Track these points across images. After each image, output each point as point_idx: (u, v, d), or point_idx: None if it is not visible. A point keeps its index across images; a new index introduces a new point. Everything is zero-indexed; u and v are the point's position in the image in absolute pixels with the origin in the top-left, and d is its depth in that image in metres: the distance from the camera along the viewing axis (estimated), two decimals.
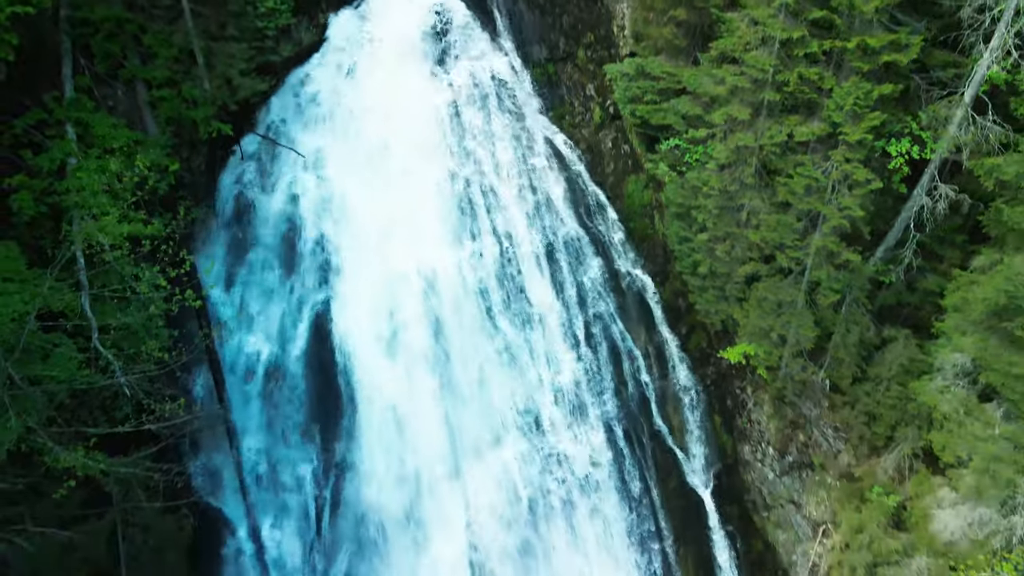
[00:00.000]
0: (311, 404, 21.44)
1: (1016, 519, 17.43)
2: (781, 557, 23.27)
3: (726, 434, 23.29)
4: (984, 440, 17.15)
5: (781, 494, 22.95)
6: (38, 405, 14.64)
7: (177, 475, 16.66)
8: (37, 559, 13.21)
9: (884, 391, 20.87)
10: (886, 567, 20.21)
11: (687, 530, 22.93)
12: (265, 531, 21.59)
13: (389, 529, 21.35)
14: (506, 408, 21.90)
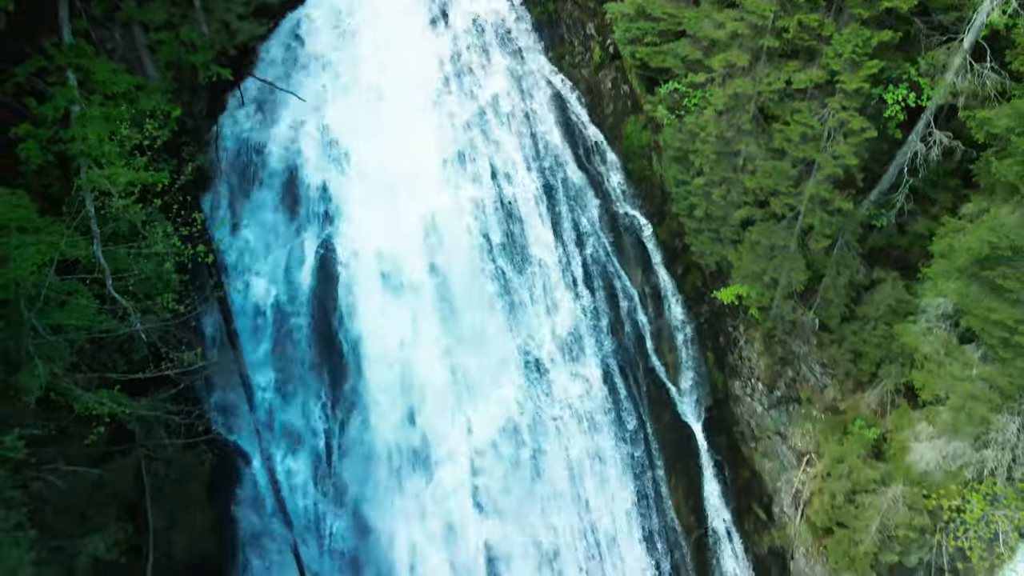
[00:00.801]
0: (318, 343, 22.25)
1: (987, 453, 18.48)
2: (766, 484, 24.59)
3: (718, 370, 24.22)
4: (961, 380, 18.00)
5: (768, 426, 24.06)
6: (61, 352, 15.38)
7: (197, 418, 17.55)
8: (71, 495, 14.22)
9: (871, 330, 21.64)
10: (864, 494, 21.45)
11: (678, 460, 24.17)
12: (278, 462, 22.79)
13: (395, 461, 22.50)
14: (506, 347, 22.70)
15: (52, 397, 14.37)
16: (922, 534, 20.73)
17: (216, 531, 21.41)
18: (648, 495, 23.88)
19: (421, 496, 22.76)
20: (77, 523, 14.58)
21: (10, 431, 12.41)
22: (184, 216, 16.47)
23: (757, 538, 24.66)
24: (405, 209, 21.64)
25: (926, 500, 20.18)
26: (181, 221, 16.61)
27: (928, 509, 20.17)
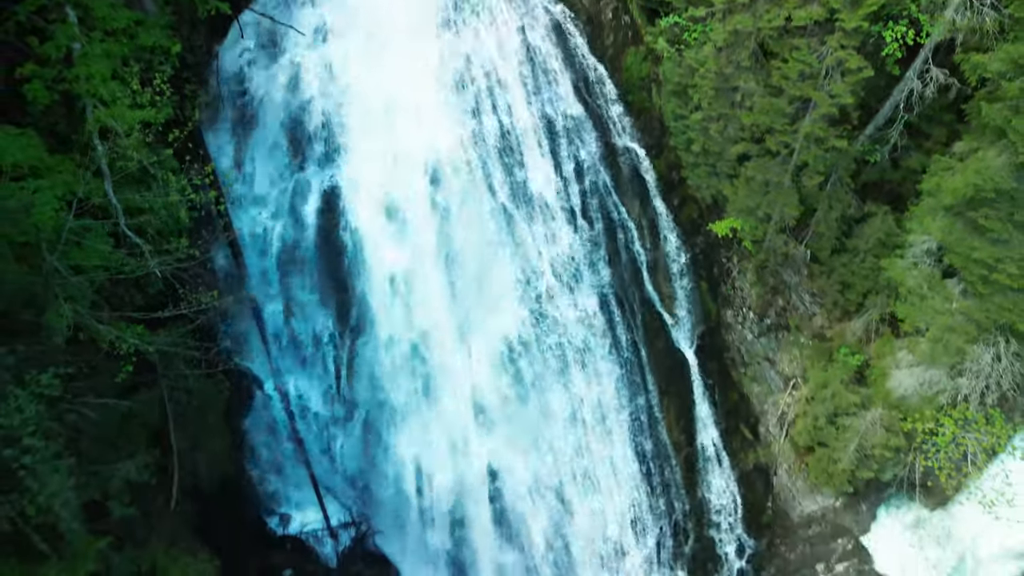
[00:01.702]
0: (324, 274, 22.95)
1: (962, 381, 19.58)
2: (754, 406, 25.93)
3: (711, 299, 25.08)
4: (941, 313, 18.88)
5: (758, 352, 25.16)
6: (83, 291, 16.13)
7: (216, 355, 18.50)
8: (103, 425, 15.28)
9: (860, 262, 22.40)
10: (845, 417, 22.77)
11: (671, 384, 25.34)
12: (290, 387, 23.96)
13: (402, 388, 23.61)
14: (506, 277, 23.42)
15: (80, 337, 15.20)
16: (897, 453, 22.16)
17: (235, 452, 22.81)
18: (641, 417, 25.16)
19: (426, 418, 23.98)
20: (110, 450, 15.72)
21: (45, 370, 13.29)
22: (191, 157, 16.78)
23: (743, 456, 26.18)
24: (406, 143, 21.85)
25: (902, 423, 21.46)
26: (189, 161, 16.93)
27: (904, 431, 21.50)
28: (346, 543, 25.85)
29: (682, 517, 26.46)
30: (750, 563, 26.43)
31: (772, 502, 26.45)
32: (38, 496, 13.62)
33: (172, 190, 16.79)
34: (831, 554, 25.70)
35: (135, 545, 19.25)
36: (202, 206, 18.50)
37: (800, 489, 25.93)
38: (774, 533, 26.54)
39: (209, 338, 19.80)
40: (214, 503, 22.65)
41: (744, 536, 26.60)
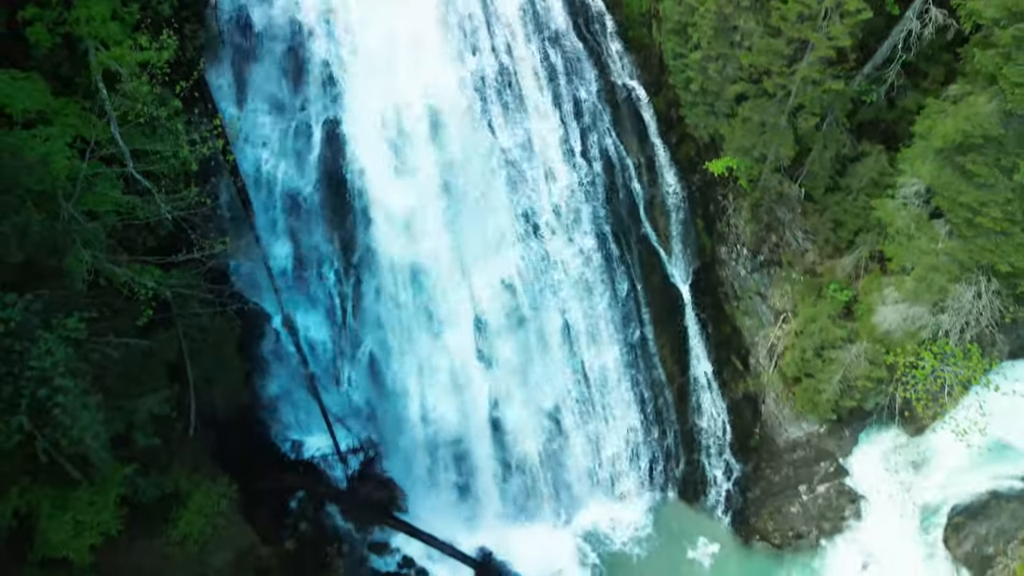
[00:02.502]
0: (328, 213, 23.45)
1: (943, 317, 20.41)
2: (745, 339, 26.91)
3: (706, 236, 25.66)
4: (927, 253, 19.54)
5: (750, 287, 25.94)
6: (99, 236, 16.75)
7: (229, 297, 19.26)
8: (126, 364, 16.19)
9: (852, 201, 22.90)
10: (831, 350, 23.75)
11: (666, 318, 26.22)
12: (298, 322, 24.85)
13: (406, 321, 24.47)
14: (506, 215, 23.93)
15: (101, 283, 15.91)
16: (879, 384, 23.25)
17: (248, 384, 23.90)
18: (637, 349, 26.16)
19: (429, 350, 24.95)
20: (133, 386, 16.69)
21: (70, 315, 14.06)
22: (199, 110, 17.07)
23: (734, 385, 27.33)
24: (407, 82, 21.96)
25: (885, 356, 22.44)
26: (198, 114, 17.22)
27: (887, 364, 22.50)
28: (355, 467, 27.36)
29: (674, 443, 27.84)
30: (737, 485, 27.98)
31: (760, 428, 27.79)
32: (71, 430, 14.65)
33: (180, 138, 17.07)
34: (813, 476, 27.18)
35: (159, 471, 20.55)
36: (211, 156, 18.81)
37: (787, 416, 27.20)
38: (760, 457, 27.98)
39: (220, 278, 20.53)
40: (230, 431, 23.94)
41: (732, 460, 28.05)
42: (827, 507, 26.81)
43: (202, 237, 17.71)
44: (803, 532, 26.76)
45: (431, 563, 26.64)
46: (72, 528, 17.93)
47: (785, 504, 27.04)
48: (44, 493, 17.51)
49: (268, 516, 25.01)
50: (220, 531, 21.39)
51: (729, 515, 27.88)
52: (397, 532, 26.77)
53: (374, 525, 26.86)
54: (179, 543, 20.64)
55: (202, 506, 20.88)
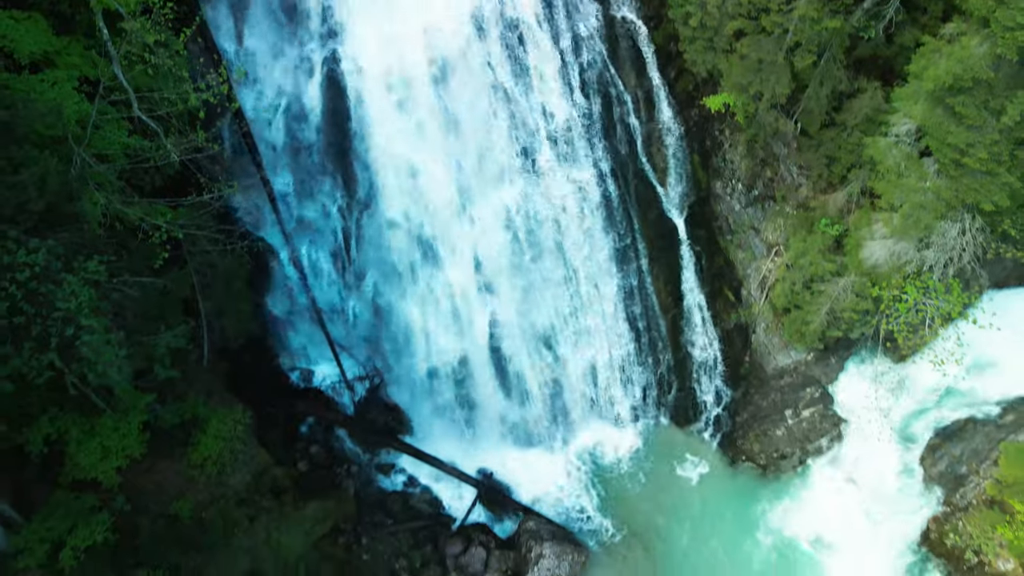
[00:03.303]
0: (330, 149, 23.79)
1: (927, 253, 21.12)
2: (738, 271, 27.69)
3: (702, 171, 26.06)
4: (915, 192, 20.07)
5: (744, 221, 26.52)
6: (110, 178, 17.29)
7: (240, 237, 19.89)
8: (143, 302, 17.00)
9: (846, 137, 23.23)
10: (819, 283, 24.56)
11: (661, 251, 26.91)
12: (303, 256, 25.57)
13: (408, 256, 25.18)
14: (505, 151, 24.28)
15: (117, 227, 16.55)
16: (864, 316, 24.18)
17: (258, 316, 24.82)
18: (632, 281, 26.94)
19: (432, 283, 25.78)
20: (151, 323, 17.55)
21: (90, 258, 14.78)
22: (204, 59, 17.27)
23: (725, 316, 28.29)
24: (407, 18, 21.96)
25: (871, 289, 23.26)
26: (203, 63, 17.45)
27: (872, 296, 23.34)
28: (361, 394, 28.64)
29: (667, 370, 29.02)
30: (726, 410, 29.34)
31: (749, 357, 28.93)
32: (96, 365, 15.57)
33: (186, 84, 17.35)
34: (799, 401, 28.48)
35: (176, 399, 21.73)
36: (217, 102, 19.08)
37: (775, 345, 28.27)
38: (749, 384, 29.24)
39: (226, 216, 21.11)
40: (242, 361, 25.05)
41: (722, 386, 29.31)
42: (811, 430, 28.22)
43: (208, 178, 18.21)
44: (787, 453, 28.26)
45: (435, 483, 28.27)
46: (99, 452, 19.18)
47: (771, 428, 28.45)
48: (72, 421, 18.66)
49: (281, 440, 26.43)
50: (237, 454, 22.75)
51: (718, 438, 29.36)
52: (402, 454, 28.28)
53: (380, 448, 28.35)
54: (200, 465, 22.01)
55: (219, 431, 22.15)
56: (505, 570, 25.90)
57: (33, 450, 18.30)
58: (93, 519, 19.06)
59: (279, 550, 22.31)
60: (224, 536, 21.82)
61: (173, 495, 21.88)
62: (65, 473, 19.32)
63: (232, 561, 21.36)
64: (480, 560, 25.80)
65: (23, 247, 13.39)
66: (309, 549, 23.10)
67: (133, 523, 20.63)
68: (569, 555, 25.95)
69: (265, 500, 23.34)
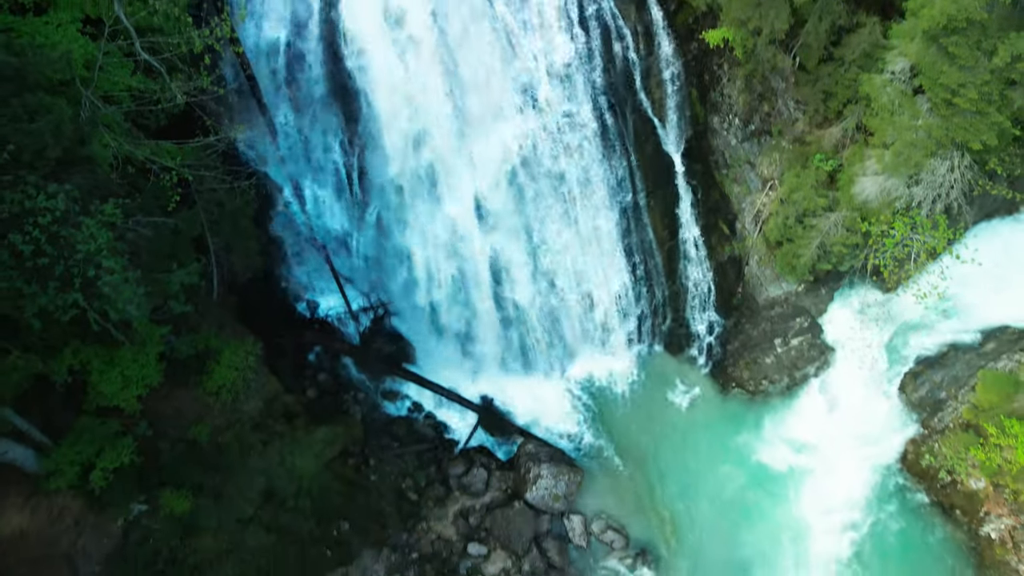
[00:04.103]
0: (330, 84, 23.94)
1: (916, 190, 21.68)
2: (733, 205, 28.24)
3: (700, 105, 26.24)
4: (907, 130, 20.45)
5: (740, 156, 26.89)
6: (117, 120, 17.68)
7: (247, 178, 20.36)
8: (157, 241, 17.68)
9: (844, 72, 23.39)
10: (811, 218, 25.18)
11: (658, 185, 27.37)
12: (306, 190, 26.09)
13: (409, 188, 25.66)
14: (504, 86, 24.42)
15: (129, 170, 17.06)
16: (854, 249, 24.91)
17: (264, 250, 25.52)
18: (629, 215, 27.52)
19: (432, 218, 26.38)
20: (165, 261, 18.29)
21: (106, 201, 15.39)
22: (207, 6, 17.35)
23: (719, 248, 29.01)
24: None
25: (861, 224, 23.89)
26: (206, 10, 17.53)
27: (862, 231, 24.00)
28: (366, 324, 29.68)
29: (662, 301, 29.96)
30: (718, 339, 30.43)
31: (742, 288, 29.81)
32: (116, 303, 16.40)
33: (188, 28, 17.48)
34: (789, 330, 29.53)
35: (190, 331, 22.71)
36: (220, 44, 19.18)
37: (768, 277, 29.11)
38: (741, 314, 30.23)
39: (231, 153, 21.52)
40: (250, 294, 25.92)
41: (715, 316, 30.32)
42: (799, 358, 29.37)
43: (213, 118, 18.58)
44: (775, 380, 29.51)
45: (438, 408, 29.65)
46: (120, 382, 20.25)
47: (761, 356, 29.60)
48: (93, 353, 19.63)
49: (290, 368, 27.61)
50: (249, 383, 23.91)
51: (709, 365, 30.57)
52: (407, 382, 29.56)
53: (385, 376, 29.59)
54: (215, 393, 23.17)
55: (232, 361, 23.21)
56: (505, 489, 27.55)
57: (57, 379, 19.33)
58: (119, 443, 20.35)
59: (293, 471, 23.73)
60: (240, 458, 23.20)
61: (191, 420, 23.15)
62: (89, 401, 20.45)
63: (249, 481, 22.79)
64: (481, 480, 27.38)
65: (42, 192, 13.98)
66: (321, 470, 24.51)
67: (155, 446, 21.96)
68: (565, 475, 27.54)
69: (278, 425, 24.63)
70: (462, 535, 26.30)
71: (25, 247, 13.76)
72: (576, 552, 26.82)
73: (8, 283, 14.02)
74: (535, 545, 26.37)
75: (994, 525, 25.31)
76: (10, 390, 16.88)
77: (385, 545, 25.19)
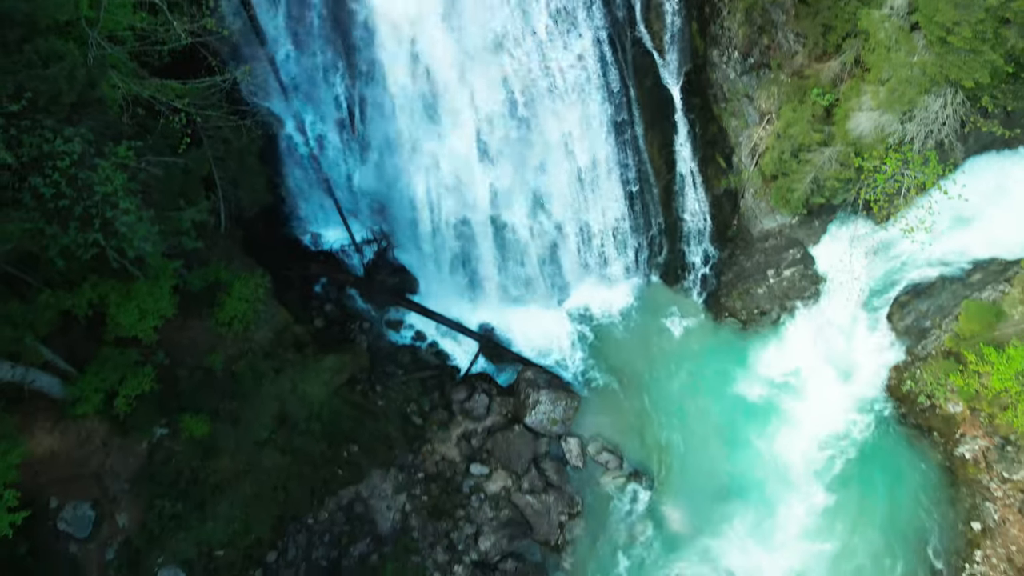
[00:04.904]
0: (330, 18, 23.99)
1: (908, 126, 22.06)
2: (730, 138, 28.54)
3: (699, 39, 26.20)
4: (903, 66, 20.68)
5: (739, 89, 27.03)
6: (123, 60, 17.98)
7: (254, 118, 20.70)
8: (168, 181, 18.28)
9: (843, 5, 23.35)
10: (807, 152, 25.58)
11: (656, 119, 27.59)
12: (308, 125, 26.40)
13: (410, 122, 25.96)
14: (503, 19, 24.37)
15: (139, 112, 17.48)
16: (847, 184, 25.41)
17: (270, 187, 26.07)
18: (627, 149, 27.83)
19: (434, 151, 26.77)
20: (176, 199, 18.94)
21: (119, 143, 15.93)
22: None
23: (716, 182, 29.47)
24: None
25: (855, 159, 24.33)
26: None
27: (855, 166, 24.46)
28: (370, 256, 30.48)
29: (658, 232, 30.63)
30: (712, 270, 31.25)
31: (737, 220, 30.43)
32: (132, 241, 17.17)
33: None
34: (781, 262, 30.33)
35: (200, 265, 23.55)
36: None
37: (762, 210, 29.69)
38: (736, 245, 30.95)
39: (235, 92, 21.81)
40: (256, 228, 26.62)
41: (710, 248, 31.05)
42: (791, 288, 30.29)
43: (218, 58, 18.84)
44: (766, 310, 30.52)
45: (441, 337, 30.78)
46: (137, 313, 21.24)
47: (753, 286, 30.51)
48: (111, 287, 20.53)
49: (298, 299, 28.57)
50: (260, 313, 24.95)
51: (703, 296, 31.52)
52: (410, 312, 30.57)
53: (389, 306, 30.60)
54: (227, 324, 24.23)
55: (242, 293, 24.18)
56: (505, 414, 28.96)
57: (79, 312, 20.33)
58: (140, 371, 21.51)
59: (304, 397, 25.00)
60: (254, 385, 24.43)
61: (205, 350, 24.30)
62: (108, 332, 21.49)
63: (264, 406, 24.09)
64: (483, 405, 28.76)
65: (59, 136, 14.52)
66: (330, 396, 25.79)
67: (173, 374, 23.17)
68: (563, 400, 28.90)
69: (288, 354, 25.77)
70: (465, 456, 27.84)
71: (46, 190, 14.41)
72: (573, 472, 28.44)
73: (32, 224, 14.73)
74: (534, 465, 27.94)
75: (969, 446, 26.75)
76: (44, 326, 17.85)
77: (392, 465, 26.72)
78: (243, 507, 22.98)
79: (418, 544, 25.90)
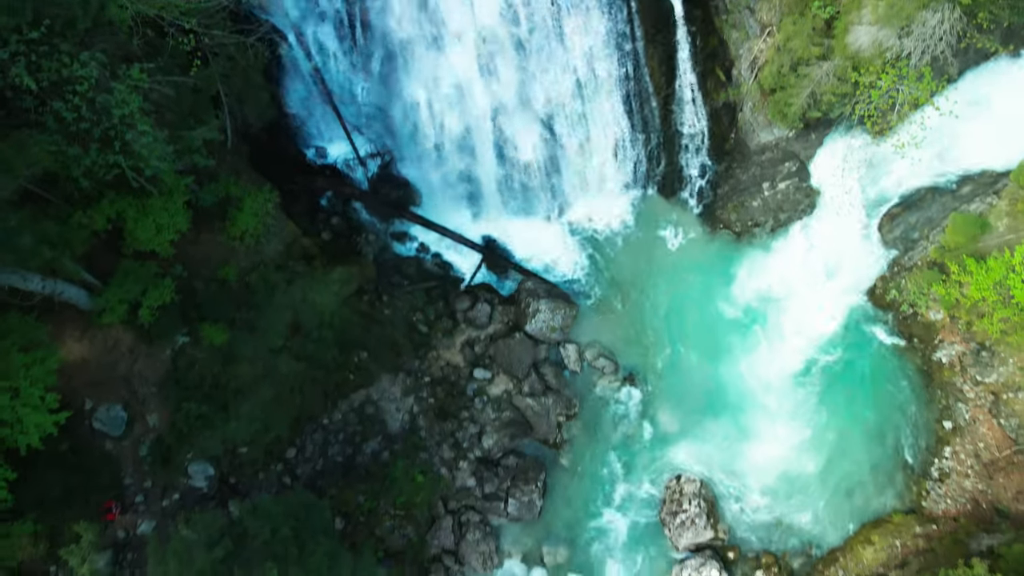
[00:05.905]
0: None
1: (906, 42, 22.26)
2: (730, 50, 28.56)
3: None
4: None
5: (740, 1, 26.88)
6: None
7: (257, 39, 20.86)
8: (179, 100, 18.81)
9: None
10: (805, 67, 25.77)
11: (657, 32, 27.51)
12: (310, 39, 26.43)
13: (413, 36, 26.01)
14: None
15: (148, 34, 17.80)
16: (843, 98, 25.74)
17: (275, 102, 26.39)
18: (628, 62, 27.88)
19: (436, 66, 26.93)
20: (187, 119, 19.52)
21: (132, 66, 16.42)
22: None
23: (715, 95, 29.66)
24: None
25: (852, 73, 24.57)
26: None
27: (852, 81, 24.73)
28: (373, 170, 31.06)
29: (656, 146, 31.06)
30: (709, 182, 31.87)
31: (735, 134, 30.81)
32: (149, 160, 17.94)
33: None
34: (777, 175, 30.94)
35: (210, 180, 24.29)
36: None
37: (760, 123, 30.03)
38: (732, 158, 31.45)
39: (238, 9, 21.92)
40: (262, 143, 27.13)
41: (707, 161, 31.54)
42: (785, 201, 31.04)
43: None
44: (760, 222, 31.38)
45: (443, 248, 31.79)
46: (154, 228, 22.23)
47: (748, 199, 31.24)
48: (128, 204, 21.41)
49: (304, 213, 29.42)
50: (269, 227, 25.90)
51: (700, 208, 32.30)
52: (414, 224, 31.45)
53: (394, 218, 31.45)
54: (239, 237, 25.21)
55: (253, 208, 25.03)
56: (507, 322, 30.36)
57: (99, 228, 21.28)
58: (160, 283, 22.68)
59: (315, 307, 26.28)
60: (267, 296, 25.66)
61: (219, 263, 25.39)
62: (127, 246, 22.51)
63: (277, 315, 25.39)
64: (485, 314, 30.11)
65: (76, 60, 15.06)
66: (339, 306, 27.07)
67: (191, 286, 24.35)
68: (562, 309, 30.24)
69: (298, 266, 26.88)
70: (468, 362, 29.44)
71: (68, 114, 15.08)
72: (571, 376, 30.12)
73: (56, 146, 15.48)
74: (534, 370, 29.58)
75: (946, 351, 28.24)
76: (80, 245, 18.83)
77: (400, 370, 28.34)
78: (263, 409, 24.66)
79: (426, 442, 27.85)
